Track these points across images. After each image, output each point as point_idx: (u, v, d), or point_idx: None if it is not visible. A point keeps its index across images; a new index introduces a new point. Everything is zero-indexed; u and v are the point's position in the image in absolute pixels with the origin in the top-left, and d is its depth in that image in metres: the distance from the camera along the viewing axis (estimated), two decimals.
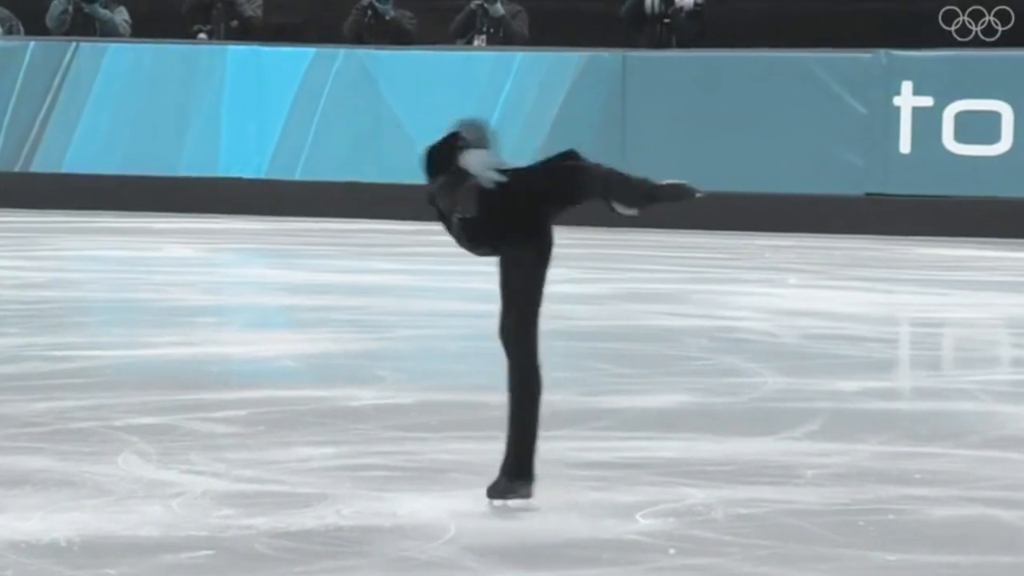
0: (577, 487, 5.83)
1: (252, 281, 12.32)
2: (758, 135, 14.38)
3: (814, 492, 5.94)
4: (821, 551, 5.29)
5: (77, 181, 15.45)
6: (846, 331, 9.56)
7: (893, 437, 6.91)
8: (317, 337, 9.31)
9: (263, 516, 5.52)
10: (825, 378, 8.12)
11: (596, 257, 12.53)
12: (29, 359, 8.40)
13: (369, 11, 15.68)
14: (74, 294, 11.57)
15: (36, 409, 7.15)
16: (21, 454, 6.35)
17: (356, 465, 6.24)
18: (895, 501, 5.85)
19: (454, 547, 5.26)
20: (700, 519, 5.58)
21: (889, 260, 13.00)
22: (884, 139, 14.26)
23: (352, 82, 15.10)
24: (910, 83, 14.19)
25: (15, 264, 12.26)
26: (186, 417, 7.02)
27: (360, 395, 7.65)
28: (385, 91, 15.06)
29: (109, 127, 15.57)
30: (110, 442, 6.53)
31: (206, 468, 6.14)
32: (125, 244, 13.54)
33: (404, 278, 11.59)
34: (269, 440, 6.62)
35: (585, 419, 7.01)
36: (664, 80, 14.65)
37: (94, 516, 5.51)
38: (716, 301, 10.77)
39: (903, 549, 5.33)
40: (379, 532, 5.41)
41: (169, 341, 9.07)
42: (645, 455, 6.48)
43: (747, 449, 6.61)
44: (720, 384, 7.98)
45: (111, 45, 15.74)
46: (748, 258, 13.08)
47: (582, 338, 9.52)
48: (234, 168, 15.37)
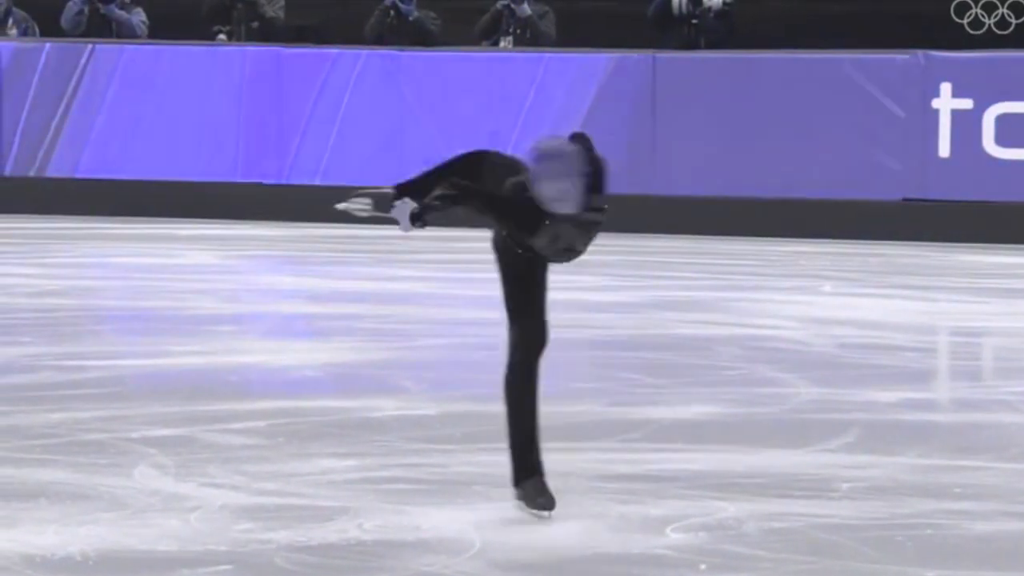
0: (606, 500, 5.84)
1: (272, 289, 12.35)
2: (791, 138, 14.37)
3: (849, 506, 5.94)
4: (856, 567, 5.29)
5: (93, 186, 15.50)
6: (883, 340, 9.54)
7: (931, 449, 6.90)
8: (338, 346, 9.33)
9: (283, 530, 5.54)
10: (861, 389, 8.12)
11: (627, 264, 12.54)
12: (43, 369, 8.44)
13: (391, 12, 15.71)
14: (90, 302, 11.60)
15: (51, 420, 7.18)
16: (35, 466, 6.37)
17: (378, 478, 6.25)
18: (933, 516, 5.85)
19: (479, 562, 5.27)
20: (732, 533, 5.58)
21: (927, 267, 12.98)
22: (922, 143, 14.24)
23: (374, 84, 15.13)
24: (949, 85, 14.17)
25: (29, 271, 12.31)
26: (204, 428, 7.04)
27: (382, 406, 7.66)
28: (408, 94, 15.09)
29: (126, 131, 15.63)
30: (126, 454, 6.55)
31: (225, 481, 6.16)
32: (142, 251, 13.59)
33: (427, 285, 11.60)
34: (289, 452, 6.64)
35: (615, 431, 7.01)
36: (695, 82, 14.65)
37: (110, 530, 5.53)
38: (749, 309, 10.77)
39: (942, 565, 5.33)
40: (402, 546, 5.42)
41: (187, 350, 9.10)
42: (676, 467, 6.48)
43: (780, 462, 6.60)
44: (753, 395, 7.98)
45: (128, 47, 15.79)
46: (781, 265, 13.07)
47: (612, 348, 9.52)
48: (253, 173, 15.41)
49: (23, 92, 15.74)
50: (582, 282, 10.78)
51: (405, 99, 15.08)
